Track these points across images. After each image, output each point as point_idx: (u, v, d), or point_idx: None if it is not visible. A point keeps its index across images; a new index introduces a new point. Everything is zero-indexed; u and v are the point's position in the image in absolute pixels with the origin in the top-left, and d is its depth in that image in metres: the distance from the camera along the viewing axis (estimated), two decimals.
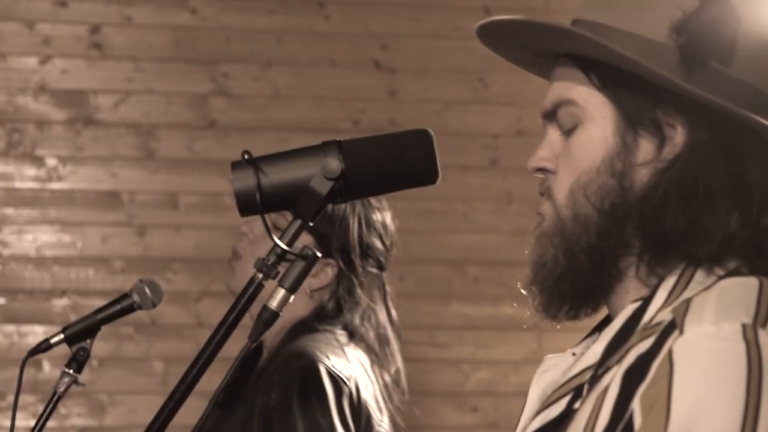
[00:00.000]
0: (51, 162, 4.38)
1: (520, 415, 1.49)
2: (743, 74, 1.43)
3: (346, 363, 2.48)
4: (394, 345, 2.62)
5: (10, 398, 4.29)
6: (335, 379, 2.43)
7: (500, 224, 4.51)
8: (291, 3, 4.52)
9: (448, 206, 4.52)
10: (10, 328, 4.32)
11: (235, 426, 2.46)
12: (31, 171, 4.37)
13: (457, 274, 4.51)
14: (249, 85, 4.49)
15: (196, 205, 4.43)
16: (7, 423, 4.28)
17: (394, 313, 2.68)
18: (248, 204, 1.50)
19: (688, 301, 1.36)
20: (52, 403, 2.12)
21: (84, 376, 2.20)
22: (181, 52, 4.45)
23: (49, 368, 4.29)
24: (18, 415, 2.02)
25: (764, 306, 1.33)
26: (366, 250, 2.59)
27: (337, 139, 1.51)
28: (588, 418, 1.33)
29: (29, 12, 4.39)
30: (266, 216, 1.52)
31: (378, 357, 2.59)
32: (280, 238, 1.49)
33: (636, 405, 1.29)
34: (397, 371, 2.61)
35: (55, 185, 4.37)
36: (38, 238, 4.35)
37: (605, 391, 1.33)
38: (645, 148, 1.43)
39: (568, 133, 1.48)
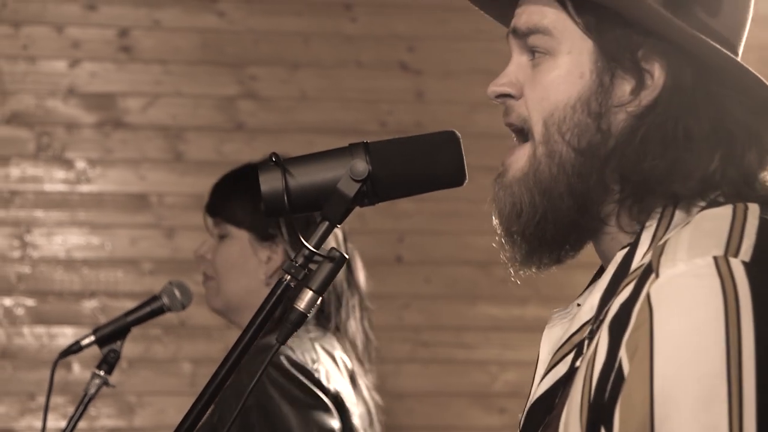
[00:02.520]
0: (80, 164, 4.40)
1: (534, 375, 1.48)
2: (724, 28, 1.41)
3: (313, 354, 2.49)
4: (346, 298, 2.62)
5: (41, 399, 4.31)
6: (300, 368, 2.44)
7: None
8: (318, 5, 4.53)
9: (474, 208, 4.50)
10: (40, 329, 4.35)
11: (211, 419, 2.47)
12: (60, 173, 4.39)
13: (483, 275, 4.51)
14: (276, 88, 4.50)
15: None
16: (39, 424, 4.30)
17: (361, 276, 2.67)
18: (275, 206, 1.50)
19: (665, 242, 1.33)
20: (83, 404, 2.14)
21: (113, 377, 2.22)
22: (208, 55, 4.47)
23: (79, 369, 4.32)
24: (48, 416, 2.03)
25: (736, 234, 1.30)
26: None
27: (364, 141, 1.51)
28: (585, 374, 1.32)
29: (58, 16, 4.42)
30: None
31: (351, 342, 2.60)
32: (308, 241, 1.50)
33: (623, 353, 1.27)
34: (351, 333, 2.61)
35: (84, 188, 4.40)
36: (68, 241, 4.38)
37: (597, 345, 1.32)
38: (622, 89, 1.39)
39: (538, 60, 1.44)
